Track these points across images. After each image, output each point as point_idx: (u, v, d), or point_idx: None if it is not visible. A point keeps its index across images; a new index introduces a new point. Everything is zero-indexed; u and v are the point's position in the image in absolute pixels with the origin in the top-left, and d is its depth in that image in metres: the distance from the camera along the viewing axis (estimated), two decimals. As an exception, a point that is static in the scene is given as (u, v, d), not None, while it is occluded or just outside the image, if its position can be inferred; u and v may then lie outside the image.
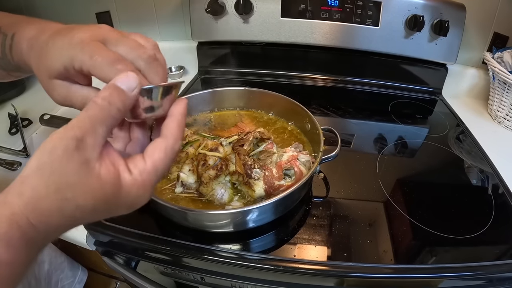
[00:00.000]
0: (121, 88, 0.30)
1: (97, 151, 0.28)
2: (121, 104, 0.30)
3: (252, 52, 1.14)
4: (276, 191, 0.57)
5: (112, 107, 0.29)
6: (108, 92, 0.30)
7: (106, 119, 0.29)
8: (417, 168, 0.79)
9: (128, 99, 0.31)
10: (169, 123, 0.34)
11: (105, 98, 0.29)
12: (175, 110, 0.35)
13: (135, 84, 0.31)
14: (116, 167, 0.30)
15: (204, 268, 0.59)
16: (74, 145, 0.27)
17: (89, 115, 0.28)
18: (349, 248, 0.57)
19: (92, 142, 0.28)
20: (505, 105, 0.93)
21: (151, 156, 0.32)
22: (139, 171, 0.31)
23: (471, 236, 0.60)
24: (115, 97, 0.30)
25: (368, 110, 1.01)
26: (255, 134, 0.62)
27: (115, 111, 0.29)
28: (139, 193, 0.31)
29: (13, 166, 0.77)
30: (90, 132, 0.28)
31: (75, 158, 0.27)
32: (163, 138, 0.33)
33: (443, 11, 0.96)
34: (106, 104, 0.29)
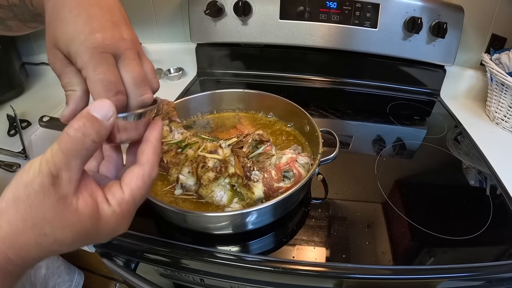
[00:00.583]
0: (96, 117, 0.28)
1: (74, 185, 0.28)
2: (95, 135, 0.28)
3: (251, 54, 1.14)
4: (275, 193, 0.57)
5: (86, 138, 0.27)
6: (82, 122, 0.28)
7: (80, 151, 0.27)
8: (415, 170, 0.79)
9: (103, 129, 0.29)
10: (145, 149, 0.34)
11: (79, 129, 0.27)
12: (151, 135, 0.34)
13: (111, 112, 0.29)
14: (94, 198, 0.29)
15: (204, 269, 0.59)
16: (50, 182, 0.26)
17: (62, 148, 0.27)
18: (347, 249, 0.58)
19: (67, 177, 0.27)
20: (503, 106, 0.93)
21: (128, 184, 0.31)
22: (117, 202, 0.30)
23: (470, 237, 0.60)
24: (89, 127, 0.28)
25: (367, 111, 1.01)
26: (254, 136, 0.62)
27: (90, 143, 0.28)
28: (118, 223, 0.31)
29: (12, 167, 0.77)
30: (64, 167, 0.27)
31: (52, 194, 0.26)
32: (140, 166, 0.32)
33: (441, 13, 0.96)
34: (80, 135, 0.27)
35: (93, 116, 0.28)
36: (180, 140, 0.68)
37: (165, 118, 0.72)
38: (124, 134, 0.34)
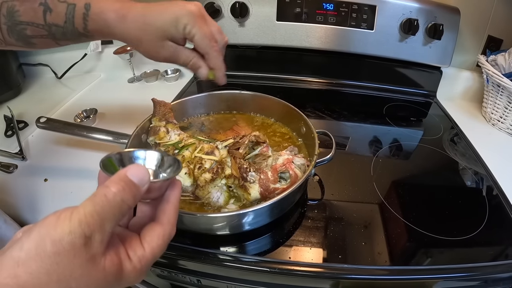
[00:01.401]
0: (134, 183, 0.29)
1: (104, 246, 0.28)
2: (132, 200, 0.29)
3: (247, 55, 1.15)
4: (272, 194, 0.58)
5: (123, 204, 0.28)
6: (121, 186, 0.28)
7: (116, 216, 0.28)
8: (411, 171, 0.80)
9: (139, 195, 0.30)
10: (167, 209, 0.35)
11: (118, 194, 0.28)
12: (172, 196, 0.36)
13: (147, 178, 0.31)
14: (118, 256, 0.30)
15: (201, 270, 0.59)
16: (82, 243, 0.26)
17: (99, 211, 0.27)
18: (344, 250, 0.58)
19: (100, 239, 0.27)
20: (499, 108, 0.94)
21: (150, 243, 0.32)
22: (138, 259, 0.31)
23: (466, 238, 0.60)
24: (127, 193, 0.29)
25: (363, 113, 1.01)
26: (251, 137, 0.62)
27: (126, 208, 0.29)
28: (137, 276, 0.31)
29: (8, 168, 0.77)
30: (98, 229, 0.27)
31: (82, 255, 0.26)
32: (161, 225, 0.33)
33: (438, 15, 0.97)
34: (118, 200, 0.28)
35: (131, 181, 0.29)
36: (177, 141, 0.68)
37: (162, 119, 0.73)
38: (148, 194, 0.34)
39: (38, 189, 0.71)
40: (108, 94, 1.12)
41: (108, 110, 1.00)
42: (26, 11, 0.46)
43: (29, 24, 0.46)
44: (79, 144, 0.83)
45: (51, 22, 0.47)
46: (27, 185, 0.73)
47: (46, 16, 0.46)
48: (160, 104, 0.75)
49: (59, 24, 0.47)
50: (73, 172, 0.77)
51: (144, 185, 0.31)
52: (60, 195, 0.71)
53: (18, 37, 0.48)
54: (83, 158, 0.80)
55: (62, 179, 0.75)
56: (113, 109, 1.01)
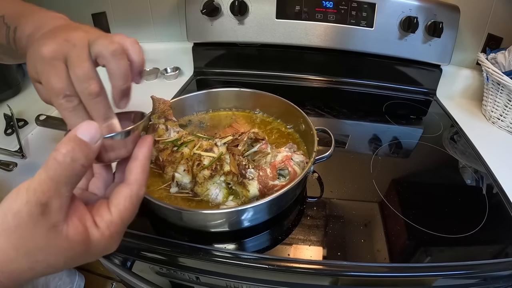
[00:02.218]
0: (83, 141, 0.28)
1: (64, 212, 0.27)
2: (84, 159, 0.28)
3: (247, 53, 1.15)
4: (270, 191, 0.58)
5: (75, 164, 0.27)
6: (70, 146, 0.27)
7: (70, 178, 0.27)
8: (411, 168, 0.80)
9: (91, 152, 0.29)
10: (133, 168, 0.33)
11: (67, 154, 0.27)
12: (140, 153, 0.34)
13: (98, 134, 0.29)
14: (83, 224, 0.29)
15: (199, 267, 0.59)
16: (39, 211, 0.25)
17: (51, 176, 0.26)
18: (343, 247, 0.58)
19: (57, 205, 0.26)
20: (499, 106, 0.93)
21: (116, 206, 0.31)
22: (106, 225, 0.30)
23: (465, 235, 0.60)
24: (77, 152, 0.27)
25: (363, 110, 1.01)
26: (250, 134, 0.62)
27: (79, 167, 0.27)
28: (107, 244, 0.31)
29: (8, 166, 0.77)
30: (54, 195, 0.26)
31: (42, 224, 0.26)
32: (128, 185, 0.32)
33: (437, 13, 0.97)
34: (68, 161, 0.26)
35: (80, 140, 0.28)
36: (175, 138, 0.68)
37: (161, 116, 0.73)
38: (112, 153, 0.34)
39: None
40: (107, 92, 1.11)
41: (107, 108, 1.00)
42: None
43: None
44: (78, 142, 0.83)
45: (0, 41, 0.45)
46: (27, 183, 0.73)
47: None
48: (159, 101, 0.75)
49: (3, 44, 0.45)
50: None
51: (96, 141, 0.29)
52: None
53: None
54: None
55: (61, 176, 0.75)
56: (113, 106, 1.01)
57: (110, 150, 0.33)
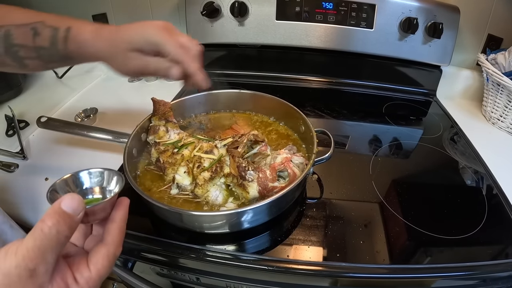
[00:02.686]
0: (68, 214, 0.31)
1: (49, 275, 0.30)
2: (68, 230, 0.31)
3: (247, 55, 1.15)
4: (270, 192, 0.58)
5: (60, 235, 0.30)
6: (56, 219, 0.30)
7: (55, 247, 0.30)
8: (411, 169, 0.80)
9: (74, 224, 0.32)
10: (111, 229, 0.37)
11: (53, 226, 0.30)
12: (117, 216, 0.38)
13: (81, 207, 0.32)
14: (65, 281, 0.32)
15: (200, 268, 0.60)
16: (28, 275, 0.28)
17: (38, 245, 0.29)
18: (342, 248, 0.58)
19: (43, 270, 0.29)
20: (499, 106, 0.94)
21: (95, 264, 0.34)
22: (85, 281, 0.33)
23: (465, 237, 0.60)
24: (62, 224, 0.30)
25: (363, 112, 1.01)
26: (249, 136, 0.63)
27: (63, 238, 0.30)
28: None
29: (10, 168, 0.77)
30: (40, 262, 0.29)
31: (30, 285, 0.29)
32: (106, 246, 0.36)
33: (437, 14, 0.97)
34: (54, 233, 0.29)
35: (65, 213, 0.31)
36: (176, 140, 0.68)
37: (161, 118, 0.73)
38: (92, 217, 0.37)
39: (39, 188, 0.72)
40: (108, 93, 1.12)
41: (108, 109, 1.00)
42: (19, 34, 0.51)
43: (22, 46, 0.52)
44: (79, 143, 0.83)
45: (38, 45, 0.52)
46: (28, 184, 0.73)
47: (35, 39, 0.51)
48: (159, 103, 0.75)
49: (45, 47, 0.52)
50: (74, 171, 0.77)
51: (79, 213, 0.32)
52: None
53: (13, 58, 0.52)
54: (84, 157, 0.81)
55: (62, 178, 0.75)
56: (114, 108, 1.02)
57: (91, 215, 0.36)
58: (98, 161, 0.79)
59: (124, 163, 0.62)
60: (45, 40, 0.51)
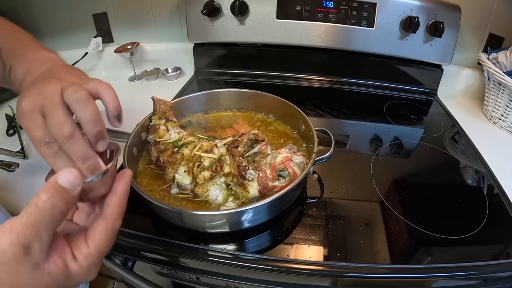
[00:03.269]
0: (63, 187, 0.30)
1: (45, 253, 0.29)
2: (64, 205, 0.29)
3: (248, 53, 1.15)
4: (270, 192, 0.58)
5: (55, 210, 0.29)
6: (51, 193, 0.29)
7: (50, 223, 0.28)
8: (411, 169, 0.80)
9: (71, 198, 0.30)
10: (110, 202, 0.35)
11: (48, 200, 0.28)
12: (117, 188, 0.36)
13: (78, 181, 0.31)
14: (63, 259, 0.31)
15: (200, 268, 0.60)
16: (22, 252, 0.27)
17: (32, 221, 0.27)
18: (343, 248, 0.58)
19: (38, 247, 0.28)
20: (500, 106, 0.93)
21: (93, 239, 0.33)
22: (84, 257, 0.32)
23: (466, 236, 0.60)
24: (57, 199, 0.29)
25: (364, 111, 1.01)
26: (250, 135, 0.63)
27: (59, 214, 0.29)
28: (86, 274, 0.32)
29: (10, 167, 0.77)
30: (35, 239, 0.28)
31: (25, 263, 0.28)
32: (104, 219, 0.34)
33: (438, 12, 0.96)
34: (48, 207, 0.28)
35: (61, 187, 0.29)
36: (176, 139, 0.68)
37: (161, 117, 0.73)
38: (92, 193, 0.36)
39: (39, 188, 0.72)
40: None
41: (108, 108, 1.00)
42: None
43: None
44: (79, 142, 0.83)
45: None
46: (29, 184, 0.73)
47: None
48: (160, 102, 0.75)
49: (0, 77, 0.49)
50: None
51: (76, 188, 0.31)
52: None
53: None
54: (84, 157, 0.81)
55: (63, 177, 0.75)
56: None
57: (90, 191, 0.35)
58: (98, 160, 0.79)
59: (124, 162, 0.62)
60: None
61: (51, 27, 1.19)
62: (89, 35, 1.18)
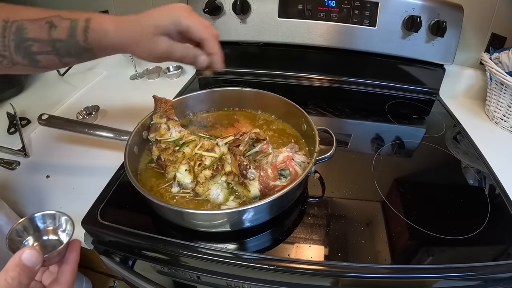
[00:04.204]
0: (28, 267, 0.36)
1: None
2: (28, 280, 0.36)
3: (249, 52, 1.15)
4: (271, 191, 0.58)
5: (21, 285, 0.35)
6: (17, 272, 0.35)
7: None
8: (413, 169, 0.79)
9: (33, 274, 0.37)
10: (64, 270, 0.42)
11: (15, 278, 0.34)
12: (70, 258, 0.43)
13: (39, 260, 0.37)
14: None
15: (200, 267, 0.60)
16: None
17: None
18: (344, 248, 0.58)
19: None
20: (502, 106, 0.93)
21: None
22: None
23: (467, 237, 0.60)
24: (23, 276, 0.35)
25: (365, 110, 1.01)
26: (251, 134, 0.62)
27: (25, 286, 0.35)
28: None
29: (11, 165, 0.77)
30: None
31: None
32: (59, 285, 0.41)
33: (441, 12, 0.96)
34: (16, 284, 0.34)
35: (25, 265, 0.36)
36: (177, 138, 0.68)
37: (163, 116, 0.73)
38: (49, 262, 0.42)
39: (40, 186, 0.72)
40: (110, 91, 1.12)
41: (110, 107, 1.00)
42: (34, 28, 0.49)
43: (35, 40, 0.49)
44: (81, 141, 0.83)
45: (55, 38, 0.50)
46: (30, 182, 0.73)
47: (51, 32, 0.49)
48: (161, 101, 0.75)
49: (62, 39, 0.50)
50: (75, 169, 0.78)
51: (37, 265, 0.37)
52: (62, 191, 0.71)
53: (25, 54, 0.50)
54: (85, 155, 0.81)
55: (64, 175, 0.75)
56: (115, 106, 1.02)
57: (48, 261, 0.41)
58: (99, 159, 0.79)
59: (125, 161, 0.62)
60: (62, 32, 0.50)
61: (53, 25, 1.19)
62: (90, 34, 1.18)
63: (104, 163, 0.77)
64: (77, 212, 0.63)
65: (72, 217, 0.46)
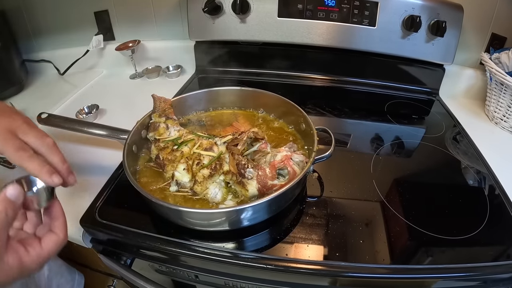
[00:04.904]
0: (11, 200, 0.40)
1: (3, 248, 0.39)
2: (13, 212, 0.40)
3: (249, 52, 1.15)
4: (269, 190, 0.58)
5: (8, 217, 0.39)
6: (3, 206, 0.39)
7: (5, 226, 0.39)
8: (412, 169, 0.79)
9: (18, 207, 0.41)
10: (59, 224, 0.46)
11: (2, 211, 0.39)
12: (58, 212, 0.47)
13: (21, 194, 0.42)
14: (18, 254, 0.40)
15: (198, 266, 0.60)
16: None
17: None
18: (342, 248, 0.58)
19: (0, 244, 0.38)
20: (502, 106, 0.93)
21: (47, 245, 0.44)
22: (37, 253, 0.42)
23: (466, 237, 0.60)
24: (9, 209, 0.39)
25: (365, 110, 1.01)
26: (249, 134, 0.62)
27: (11, 218, 0.40)
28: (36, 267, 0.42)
29: (10, 164, 0.77)
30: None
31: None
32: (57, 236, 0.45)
33: (440, 12, 0.96)
34: (3, 216, 0.39)
35: (9, 200, 0.40)
36: (176, 137, 0.68)
37: (161, 115, 0.73)
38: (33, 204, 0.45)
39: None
40: (109, 90, 1.12)
41: (109, 106, 1.00)
42: None
43: None
44: (80, 140, 0.83)
45: None
46: (28, 180, 0.73)
47: None
48: (160, 100, 0.75)
49: None
50: (74, 167, 0.76)
51: (20, 199, 0.41)
52: (62, 190, 0.71)
53: None
54: (84, 154, 0.81)
55: (62, 174, 0.75)
56: (115, 105, 1.02)
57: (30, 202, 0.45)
58: (98, 158, 0.79)
59: (123, 159, 0.62)
60: None
61: (53, 25, 1.19)
62: (90, 33, 1.18)
63: (103, 162, 0.77)
64: (76, 211, 0.63)
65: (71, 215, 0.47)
